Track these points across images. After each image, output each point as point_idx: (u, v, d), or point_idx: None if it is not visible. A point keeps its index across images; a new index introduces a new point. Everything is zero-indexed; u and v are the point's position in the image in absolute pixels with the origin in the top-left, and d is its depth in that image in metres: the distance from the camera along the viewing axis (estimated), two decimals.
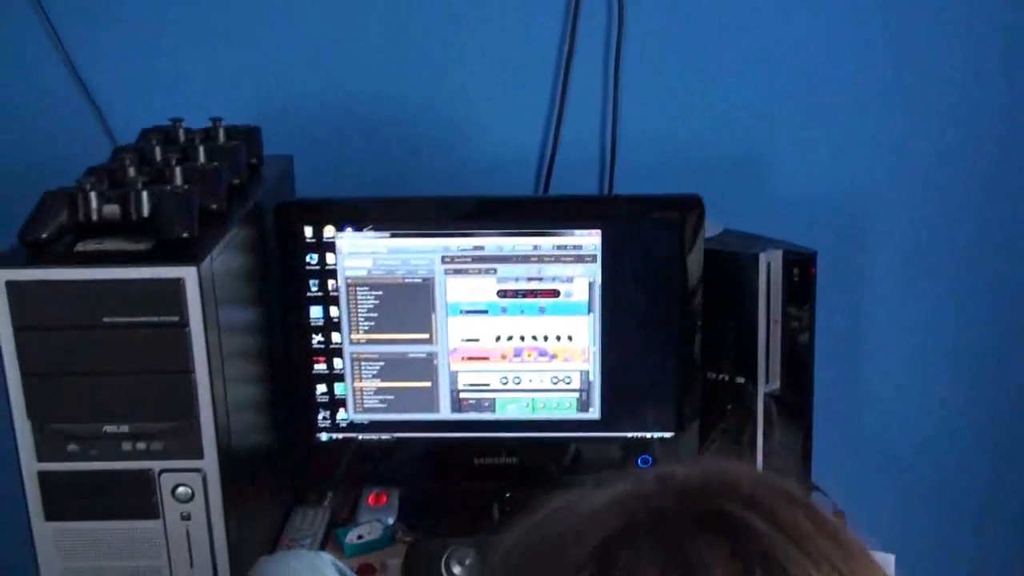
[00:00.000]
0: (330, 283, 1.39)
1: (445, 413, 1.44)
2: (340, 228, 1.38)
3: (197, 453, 1.16)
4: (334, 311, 1.40)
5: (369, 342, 1.41)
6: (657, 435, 1.43)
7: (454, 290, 1.39)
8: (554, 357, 1.42)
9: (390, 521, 1.45)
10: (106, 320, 1.11)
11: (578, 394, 1.43)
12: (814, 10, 1.60)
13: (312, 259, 1.38)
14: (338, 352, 1.41)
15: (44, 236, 1.12)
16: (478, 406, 1.44)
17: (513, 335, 1.41)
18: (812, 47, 1.62)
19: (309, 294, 1.39)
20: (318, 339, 1.41)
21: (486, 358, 1.42)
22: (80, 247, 1.13)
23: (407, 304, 1.40)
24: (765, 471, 0.68)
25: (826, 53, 1.62)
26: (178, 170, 1.20)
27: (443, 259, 1.38)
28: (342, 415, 1.44)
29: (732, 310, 1.40)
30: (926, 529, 1.83)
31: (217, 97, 1.57)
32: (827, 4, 1.61)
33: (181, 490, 1.16)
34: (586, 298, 1.39)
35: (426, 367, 1.42)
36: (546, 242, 1.38)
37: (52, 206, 1.13)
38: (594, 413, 1.44)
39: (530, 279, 1.39)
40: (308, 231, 1.38)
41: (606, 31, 1.60)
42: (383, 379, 1.42)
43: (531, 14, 1.59)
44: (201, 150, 1.30)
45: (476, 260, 1.39)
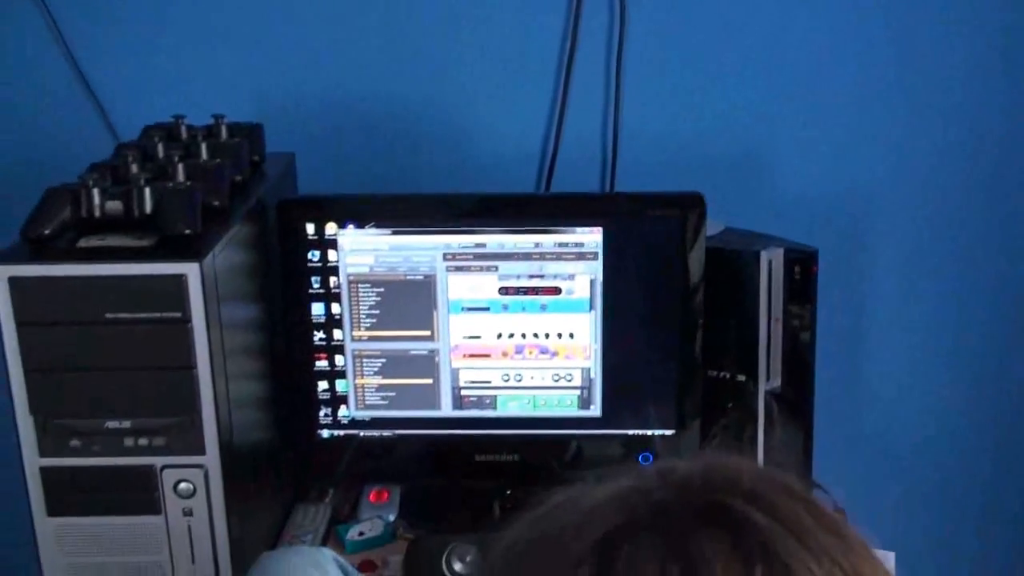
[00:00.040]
0: (332, 280, 1.39)
1: (446, 410, 1.44)
2: (342, 225, 1.38)
3: (199, 449, 1.16)
4: (336, 308, 1.40)
5: (371, 339, 1.41)
6: (658, 433, 1.44)
7: (456, 287, 1.39)
8: (555, 354, 1.42)
9: (391, 518, 1.46)
10: (108, 316, 1.11)
11: (579, 391, 1.43)
12: (815, 9, 1.61)
13: (314, 256, 1.38)
14: (340, 349, 1.41)
15: (47, 232, 1.13)
16: (479, 403, 1.44)
17: (514, 332, 1.41)
18: (813, 46, 1.62)
19: (311, 291, 1.39)
20: (320, 336, 1.41)
21: (487, 355, 1.42)
22: (83, 243, 1.14)
23: (409, 301, 1.40)
24: (766, 466, 0.68)
25: (827, 52, 1.62)
26: (180, 167, 1.20)
27: (445, 256, 1.39)
28: (343, 412, 1.44)
29: (733, 308, 1.41)
30: (927, 528, 1.83)
31: (219, 94, 1.57)
32: (828, 3, 1.61)
33: (183, 486, 1.17)
34: (587, 295, 1.40)
35: (427, 364, 1.42)
36: (548, 239, 1.38)
37: (55, 202, 1.14)
38: (595, 410, 1.44)
39: (531, 276, 1.39)
40: (310, 228, 1.38)
41: (608, 29, 1.60)
42: (384, 376, 1.42)
43: (533, 12, 1.60)
44: (203, 147, 1.30)
45: (478, 257, 1.39)
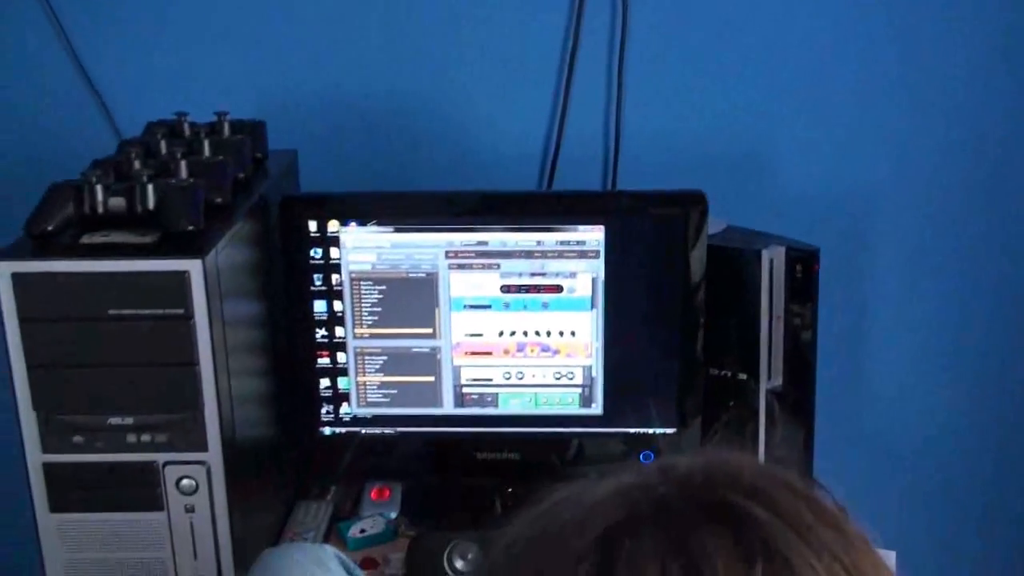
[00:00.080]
0: (334, 277, 1.39)
1: (448, 408, 1.44)
2: (344, 222, 1.38)
3: (201, 445, 1.16)
4: (338, 305, 1.40)
5: (372, 336, 1.41)
6: (659, 431, 1.44)
7: (457, 285, 1.39)
8: (557, 352, 1.42)
9: (393, 515, 1.46)
10: (111, 312, 1.11)
11: (580, 389, 1.43)
12: (818, 8, 1.61)
13: (316, 253, 1.39)
14: (342, 346, 1.41)
15: (50, 228, 1.13)
16: (481, 401, 1.44)
17: (516, 330, 1.41)
18: (816, 45, 1.62)
19: (313, 288, 1.40)
20: (322, 333, 1.41)
21: (489, 353, 1.42)
22: (86, 239, 1.14)
23: (411, 299, 1.40)
24: (767, 462, 0.68)
25: (830, 51, 1.62)
26: (183, 164, 1.20)
27: (447, 254, 1.39)
28: (345, 409, 1.44)
29: (735, 306, 1.41)
30: (929, 528, 1.83)
31: (222, 92, 1.57)
32: (830, 2, 1.61)
33: (185, 482, 1.17)
34: (589, 293, 1.40)
35: (429, 362, 1.42)
36: (549, 237, 1.38)
37: (58, 198, 1.14)
38: (596, 409, 1.44)
39: (533, 274, 1.39)
40: (312, 225, 1.38)
41: (610, 28, 1.60)
42: (386, 373, 1.43)
43: (536, 11, 1.60)
44: (206, 144, 1.31)
45: (480, 255, 1.39)
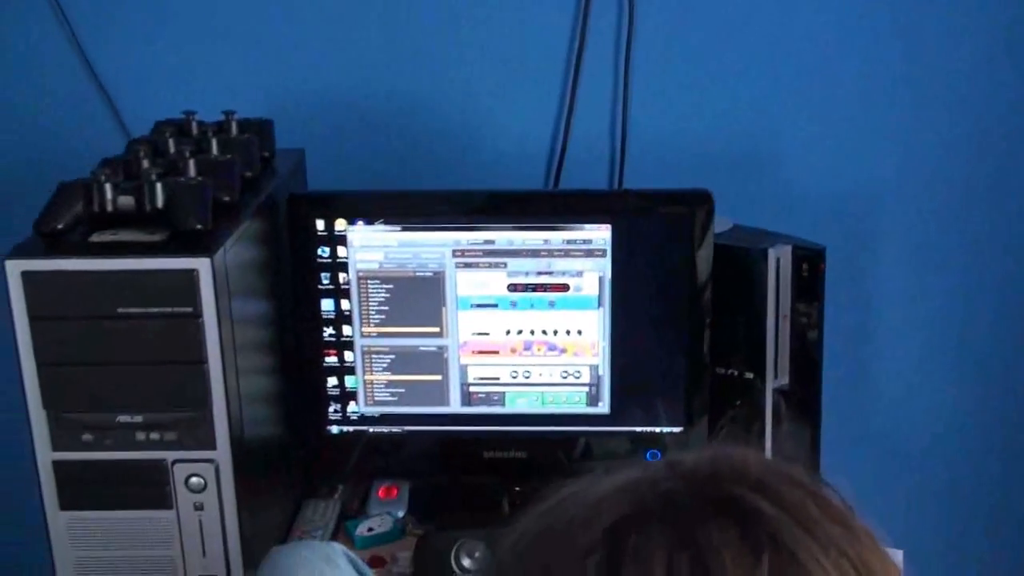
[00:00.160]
0: (341, 276, 1.40)
1: (455, 407, 1.44)
2: (352, 221, 1.38)
3: (210, 444, 1.17)
4: (345, 304, 1.40)
5: (380, 335, 1.42)
6: (666, 430, 1.44)
7: (464, 284, 1.40)
8: (564, 351, 1.42)
9: (400, 514, 1.46)
10: (120, 311, 1.12)
11: (587, 388, 1.44)
12: (822, 7, 1.61)
13: (324, 252, 1.39)
14: (349, 345, 1.42)
15: (59, 227, 1.13)
16: (488, 400, 1.44)
17: (523, 329, 1.42)
18: (820, 44, 1.62)
19: (320, 287, 1.40)
20: (329, 332, 1.41)
21: (496, 352, 1.42)
22: (95, 238, 1.14)
23: (418, 297, 1.40)
24: (774, 457, 0.68)
25: (834, 50, 1.62)
26: (192, 162, 1.21)
27: (454, 253, 1.39)
28: (353, 408, 1.45)
29: (741, 305, 1.41)
30: (936, 527, 1.83)
31: (229, 91, 1.58)
32: (835, 1, 1.61)
33: (194, 480, 1.17)
34: (596, 292, 1.40)
35: (436, 361, 1.42)
36: (556, 236, 1.39)
37: (67, 197, 1.14)
38: (603, 407, 1.44)
39: (540, 273, 1.40)
40: (320, 224, 1.38)
41: (616, 27, 1.60)
42: (393, 372, 1.43)
43: (542, 11, 1.60)
44: (214, 143, 1.31)
45: (486, 254, 1.39)
